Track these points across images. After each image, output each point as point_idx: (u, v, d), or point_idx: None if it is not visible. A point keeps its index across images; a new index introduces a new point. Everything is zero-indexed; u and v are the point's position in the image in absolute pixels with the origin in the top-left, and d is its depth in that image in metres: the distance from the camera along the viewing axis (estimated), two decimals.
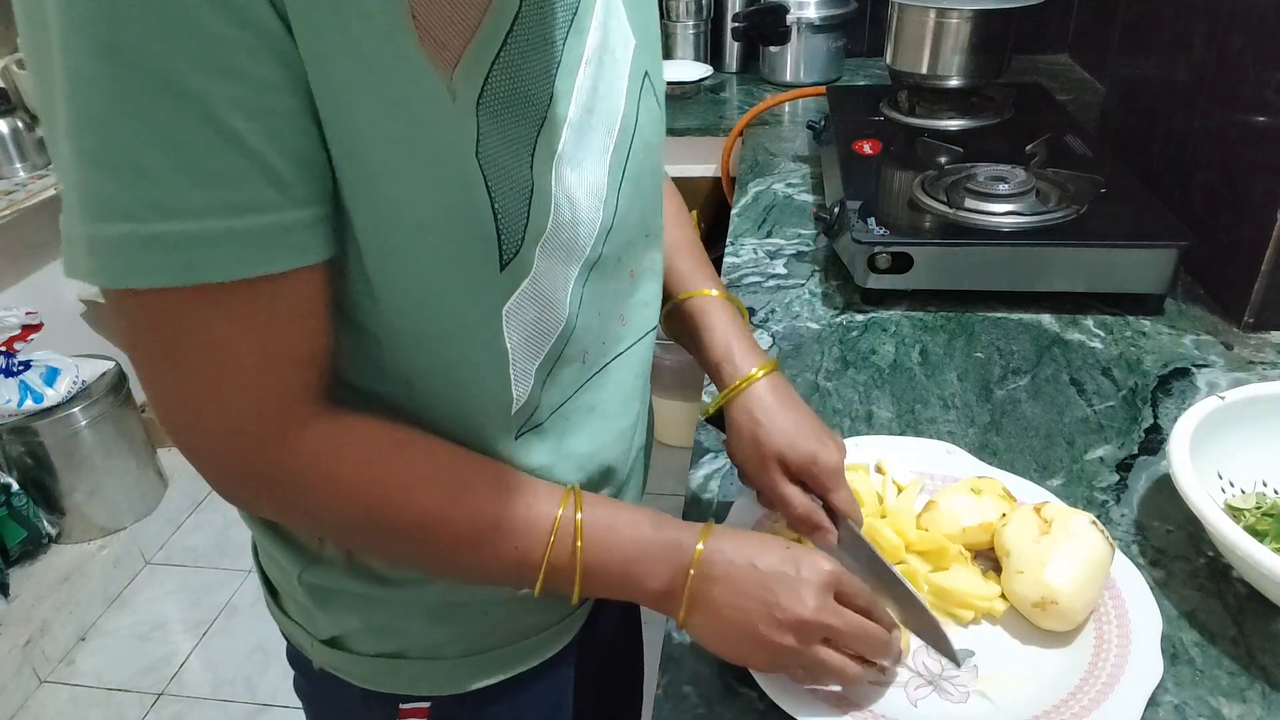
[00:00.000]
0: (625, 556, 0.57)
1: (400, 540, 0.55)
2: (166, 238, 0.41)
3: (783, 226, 1.28)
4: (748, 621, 0.56)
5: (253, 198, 0.43)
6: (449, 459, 0.55)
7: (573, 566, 0.56)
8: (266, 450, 0.49)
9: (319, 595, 0.64)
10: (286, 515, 0.57)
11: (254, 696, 1.87)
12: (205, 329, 0.45)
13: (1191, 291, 1.07)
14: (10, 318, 1.97)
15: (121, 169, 0.40)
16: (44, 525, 2.04)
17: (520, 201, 0.51)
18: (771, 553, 0.58)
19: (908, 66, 1.47)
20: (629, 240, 0.64)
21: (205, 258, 0.42)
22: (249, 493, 0.53)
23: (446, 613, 0.64)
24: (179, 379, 0.47)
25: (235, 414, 0.48)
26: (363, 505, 0.52)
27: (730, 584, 0.57)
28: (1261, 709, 0.58)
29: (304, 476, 0.51)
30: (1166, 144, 1.17)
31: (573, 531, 0.56)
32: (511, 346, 0.55)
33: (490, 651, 0.67)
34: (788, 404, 0.70)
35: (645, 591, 0.58)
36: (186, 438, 0.49)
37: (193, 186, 0.41)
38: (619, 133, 0.59)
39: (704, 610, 0.57)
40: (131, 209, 0.41)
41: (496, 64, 0.48)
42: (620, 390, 0.68)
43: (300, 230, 0.45)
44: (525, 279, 0.54)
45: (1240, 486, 0.73)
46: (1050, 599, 0.61)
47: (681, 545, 0.57)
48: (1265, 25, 0.95)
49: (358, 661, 0.66)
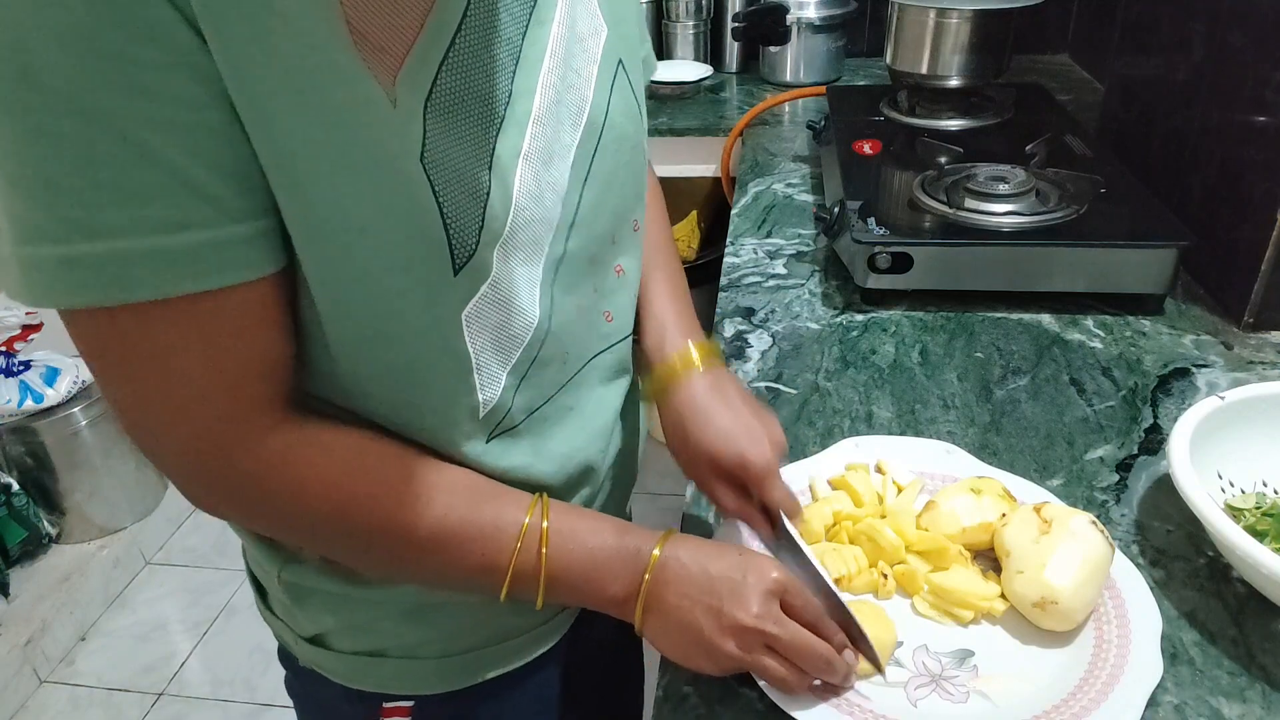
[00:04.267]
0: (588, 563, 0.57)
1: (363, 547, 0.55)
2: (90, 257, 0.41)
3: (783, 226, 1.28)
4: (694, 624, 0.56)
5: (179, 214, 0.42)
6: (413, 466, 0.54)
7: (537, 573, 0.56)
8: (225, 458, 0.49)
9: (297, 593, 0.64)
10: (252, 521, 0.57)
11: (254, 696, 1.87)
12: (149, 343, 0.45)
13: (1191, 291, 1.07)
14: (10, 318, 1.97)
15: (41, 191, 0.40)
16: (44, 525, 2.04)
17: (474, 204, 0.50)
18: (724, 558, 0.58)
19: (908, 66, 1.47)
20: (601, 235, 0.63)
21: (132, 276, 0.42)
22: (212, 498, 0.53)
23: (422, 613, 0.64)
24: (132, 390, 0.47)
25: (189, 424, 0.48)
26: (324, 513, 0.52)
27: (681, 587, 0.57)
28: (1261, 709, 0.58)
29: (265, 484, 0.51)
30: (1166, 144, 1.17)
31: (539, 539, 0.56)
32: (475, 350, 0.54)
33: (470, 652, 0.67)
34: (719, 400, 0.67)
35: (606, 597, 0.58)
36: (145, 445, 0.49)
37: (113, 205, 0.41)
38: (586, 126, 0.58)
39: (657, 613, 0.57)
40: (54, 230, 0.41)
41: (445, 66, 0.48)
42: (598, 388, 0.67)
43: (237, 244, 0.45)
44: (484, 282, 0.53)
45: (1240, 486, 0.73)
46: (1050, 599, 0.61)
47: (640, 552, 0.58)
48: (1265, 25, 0.95)
49: (338, 659, 0.66)
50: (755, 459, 0.64)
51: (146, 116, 0.40)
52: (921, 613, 0.66)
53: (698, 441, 0.66)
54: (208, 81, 0.41)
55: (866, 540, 0.69)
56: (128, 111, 0.40)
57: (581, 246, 0.61)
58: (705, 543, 0.60)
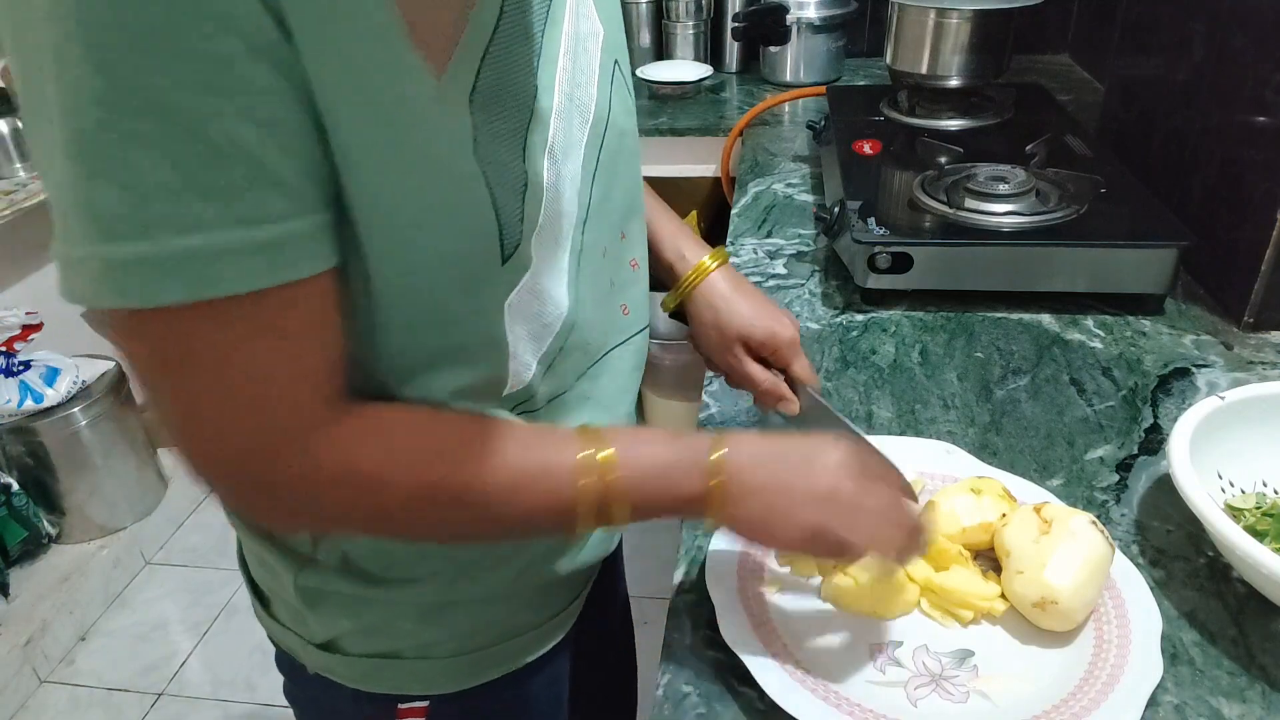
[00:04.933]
0: (658, 467, 0.56)
1: (445, 511, 0.54)
2: (180, 253, 0.41)
3: (783, 226, 1.28)
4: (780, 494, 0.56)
5: (263, 208, 0.42)
6: (469, 424, 0.54)
7: (611, 497, 0.55)
8: (292, 459, 0.48)
9: (312, 598, 0.64)
10: (327, 519, 0.55)
11: (254, 696, 1.87)
12: (226, 340, 0.44)
13: (1191, 291, 1.07)
14: (10, 318, 1.97)
15: (126, 187, 0.40)
16: (44, 525, 2.04)
17: (516, 195, 0.51)
18: (788, 440, 0.59)
19: (908, 66, 1.47)
20: (611, 229, 0.65)
21: (219, 271, 0.42)
22: (273, 501, 0.51)
23: (439, 611, 0.64)
24: (195, 393, 0.46)
25: (254, 426, 0.47)
26: (407, 486, 0.51)
27: (761, 469, 0.56)
28: (1261, 709, 0.58)
29: (346, 474, 0.50)
30: (1166, 144, 1.17)
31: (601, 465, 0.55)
32: (513, 339, 0.56)
33: (485, 649, 0.67)
34: (741, 289, 0.76)
35: (681, 497, 0.56)
36: (204, 454, 0.48)
37: (203, 200, 0.40)
38: (593, 121, 0.60)
39: (740, 499, 0.56)
40: (141, 227, 0.40)
41: (486, 60, 0.48)
42: (616, 381, 0.69)
43: (311, 237, 0.45)
44: (526, 273, 0.54)
45: (1240, 486, 0.73)
46: (1050, 598, 0.61)
47: (703, 448, 0.57)
48: (1265, 25, 0.95)
49: (352, 663, 0.66)
50: (783, 331, 0.74)
51: (231, 109, 0.40)
52: (923, 612, 0.66)
53: (729, 323, 0.74)
54: (289, 73, 0.41)
55: None
56: (213, 104, 0.39)
57: (594, 240, 0.63)
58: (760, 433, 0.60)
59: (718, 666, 0.63)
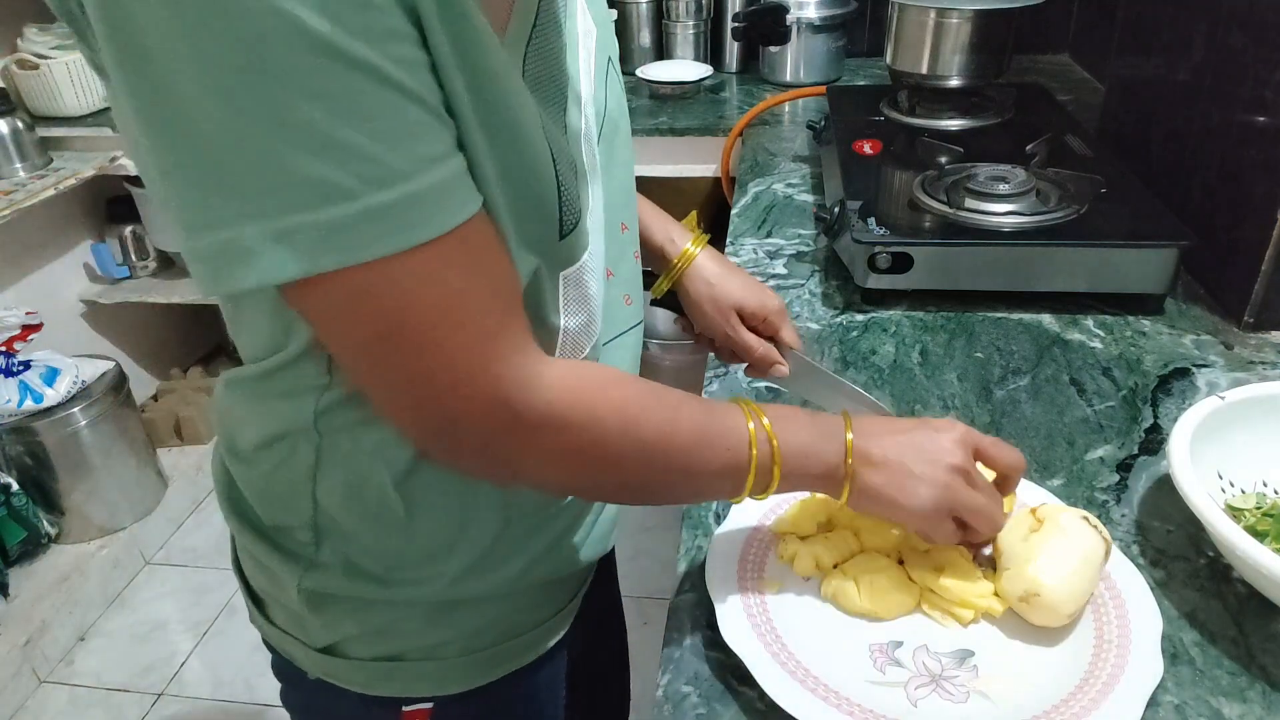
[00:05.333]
0: (806, 438, 0.60)
1: (644, 461, 0.56)
2: (382, 206, 0.41)
3: (783, 226, 1.28)
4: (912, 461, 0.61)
5: (438, 148, 0.43)
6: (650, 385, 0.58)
7: (772, 464, 0.59)
8: (531, 392, 0.49)
9: (316, 601, 0.64)
10: (557, 464, 0.54)
11: (254, 696, 1.87)
12: (438, 285, 0.44)
13: (1191, 291, 1.07)
14: (10, 318, 1.97)
15: (324, 151, 0.39)
16: (44, 525, 2.04)
17: (569, 173, 0.53)
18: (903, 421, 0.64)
19: (908, 66, 1.47)
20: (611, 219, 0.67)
21: (420, 216, 0.42)
22: (526, 447, 0.51)
23: (444, 612, 0.64)
24: (419, 346, 0.45)
25: (493, 365, 0.47)
26: (617, 429, 0.53)
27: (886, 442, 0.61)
28: (1261, 709, 0.58)
29: (569, 412, 0.51)
30: (1166, 144, 1.17)
31: (765, 430, 0.59)
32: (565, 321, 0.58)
33: (490, 648, 0.67)
34: (728, 266, 0.84)
35: (822, 465, 0.61)
36: (442, 411, 0.48)
37: (393, 150, 0.41)
38: (595, 115, 0.62)
39: (871, 467, 0.61)
40: (345, 187, 0.40)
41: (531, 43, 0.51)
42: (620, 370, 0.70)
43: (467, 171, 0.46)
44: (585, 251, 0.57)
45: (1240, 486, 0.73)
46: (1033, 591, 0.61)
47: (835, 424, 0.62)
48: (1265, 25, 0.95)
49: (356, 668, 0.66)
50: (771, 301, 0.83)
51: (397, 58, 0.41)
52: (923, 612, 0.66)
53: (724, 296, 0.82)
54: (416, 21, 0.42)
55: (870, 534, 0.69)
56: (384, 55, 0.40)
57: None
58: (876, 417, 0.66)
59: (718, 666, 0.63)
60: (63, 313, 2.32)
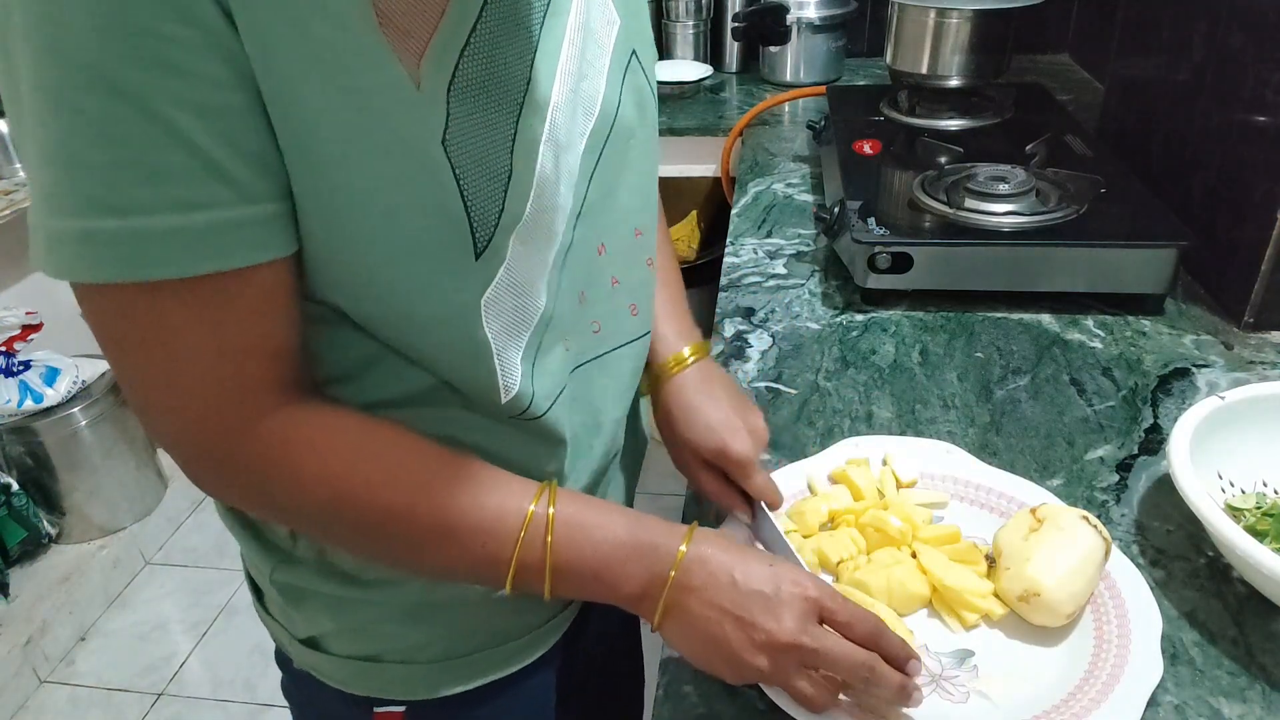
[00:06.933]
0: (598, 556, 0.55)
1: (365, 535, 0.54)
2: (108, 233, 0.41)
3: (783, 226, 1.28)
4: (722, 637, 0.54)
5: (200, 194, 0.43)
6: (417, 452, 0.54)
7: (543, 565, 0.54)
8: (229, 439, 0.49)
9: (292, 595, 0.64)
10: (252, 505, 0.57)
11: (254, 696, 1.87)
12: (161, 322, 0.45)
13: (1191, 291, 1.07)
14: (10, 318, 1.97)
15: (66, 165, 0.41)
16: (44, 525, 2.04)
17: (496, 188, 0.50)
18: (754, 569, 0.55)
19: (908, 66, 1.47)
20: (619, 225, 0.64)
21: (151, 254, 0.42)
22: (215, 479, 0.53)
23: (421, 615, 0.64)
24: (142, 369, 0.47)
25: (194, 403, 0.48)
26: (325, 498, 0.52)
27: (708, 595, 0.55)
28: (1261, 709, 0.58)
29: (266, 466, 0.51)
30: (1166, 144, 1.17)
31: (544, 528, 0.54)
32: (493, 335, 0.54)
33: (468, 656, 0.66)
34: (708, 394, 0.72)
35: (620, 595, 0.56)
36: (153, 424, 0.50)
37: (136, 183, 0.41)
38: (599, 116, 0.59)
39: (679, 619, 0.55)
40: (77, 205, 0.41)
41: (467, 50, 0.48)
42: (616, 382, 0.68)
43: (254, 226, 0.45)
44: (500, 267, 0.53)
45: (1240, 486, 0.73)
46: (1032, 591, 0.61)
47: (659, 549, 0.56)
48: (1265, 25, 0.95)
49: (333, 663, 0.66)
50: (734, 449, 0.69)
51: (173, 95, 0.40)
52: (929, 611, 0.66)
53: (683, 434, 0.71)
54: (235, 63, 0.42)
55: (874, 531, 0.69)
56: (155, 89, 0.40)
57: (589, 236, 0.62)
58: (733, 546, 0.57)
59: None
60: (63, 313, 2.31)
